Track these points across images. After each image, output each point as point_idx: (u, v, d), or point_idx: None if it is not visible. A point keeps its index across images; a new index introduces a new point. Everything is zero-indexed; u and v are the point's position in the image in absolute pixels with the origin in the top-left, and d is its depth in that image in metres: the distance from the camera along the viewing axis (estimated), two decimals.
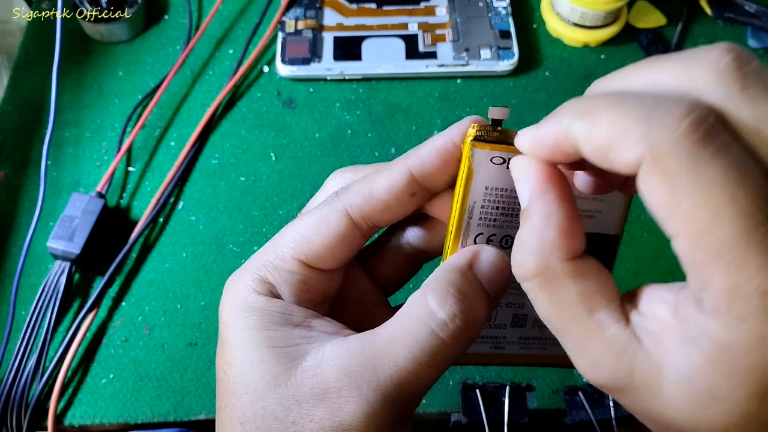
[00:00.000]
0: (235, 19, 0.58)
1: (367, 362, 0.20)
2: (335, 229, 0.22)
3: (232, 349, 0.22)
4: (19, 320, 0.44)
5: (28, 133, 0.52)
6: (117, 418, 0.41)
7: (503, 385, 0.41)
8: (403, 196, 0.23)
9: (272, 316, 0.22)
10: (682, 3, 0.59)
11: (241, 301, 0.22)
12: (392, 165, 0.23)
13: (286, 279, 0.23)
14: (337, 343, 0.21)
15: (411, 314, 0.21)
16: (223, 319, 0.23)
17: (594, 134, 0.16)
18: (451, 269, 0.22)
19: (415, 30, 0.56)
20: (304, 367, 0.21)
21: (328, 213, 0.23)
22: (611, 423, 0.40)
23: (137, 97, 0.53)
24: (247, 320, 0.22)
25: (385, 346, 0.20)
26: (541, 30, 0.58)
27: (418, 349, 0.20)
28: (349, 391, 0.20)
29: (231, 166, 0.51)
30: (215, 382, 0.43)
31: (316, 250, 0.23)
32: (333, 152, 0.51)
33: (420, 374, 0.20)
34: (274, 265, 0.23)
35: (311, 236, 0.23)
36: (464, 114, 0.53)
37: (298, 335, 0.22)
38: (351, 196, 0.23)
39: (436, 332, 0.20)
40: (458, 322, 0.20)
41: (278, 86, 0.54)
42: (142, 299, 0.45)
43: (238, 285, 0.23)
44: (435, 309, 0.20)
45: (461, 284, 0.21)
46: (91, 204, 0.46)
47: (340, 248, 0.23)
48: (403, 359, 0.20)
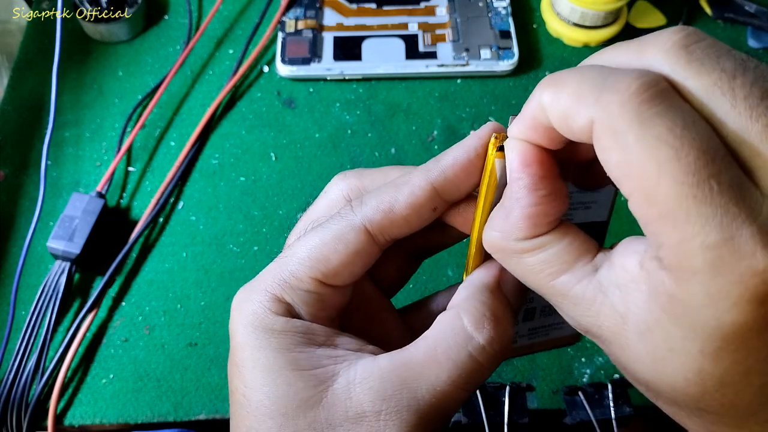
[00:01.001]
0: (235, 19, 0.58)
1: (404, 385, 0.20)
2: (354, 247, 0.22)
3: (253, 372, 0.21)
4: (19, 320, 0.44)
5: (28, 133, 0.52)
6: (117, 418, 0.41)
7: (503, 385, 0.41)
8: (425, 210, 0.22)
9: (294, 337, 0.21)
10: (682, 3, 0.59)
11: (258, 321, 0.21)
12: (413, 179, 0.22)
13: (303, 298, 0.22)
14: (368, 364, 0.21)
15: (446, 337, 0.21)
16: (238, 340, 0.22)
17: (557, 102, 0.17)
18: (482, 289, 0.22)
19: (415, 30, 0.56)
20: (335, 390, 0.20)
21: (345, 230, 0.22)
22: (611, 423, 0.40)
23: (137, 97, 0.53)
24: (268, 342, 0.21)
25: (422, 369, 0.20)
26: (541, 30, 0.58)
27: (456, 373, 0.20)
28: (388, 415, 0.20)
29: (231, 166, 0.51)
30: (215, 383, 0.43)
31: (334, 269, 0.22)
32: (333, 152, 0.51)
33: (457, 396, 0.21)
34: (290, 284, 0.22)
35: (329, 255, 0.22)
36: (464, 114, 0.53)
37: (324, 355, 0.21)
38: (370, 212, 0.22)
39: (474, 356, 0.21)
40: (496, 345, 0.21)
41: (278, 86, 0.54)
42: (142, 299, 0.45)
43: (251, 304, 0.22)
44: (473, 333, 0.21)
45: (495, 306, 0.22)
46: (91, 204, 0.46)
47: (358, 264, 0.22)
48: (442, 383, 0.20)
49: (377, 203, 0.22)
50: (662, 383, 0.17)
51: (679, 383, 0.16)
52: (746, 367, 0.15)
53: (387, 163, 0.50)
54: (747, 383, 0.16)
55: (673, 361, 0.16)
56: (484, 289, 0.22)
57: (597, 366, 0.43)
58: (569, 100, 0.17)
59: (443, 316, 0.22)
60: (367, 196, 0.23)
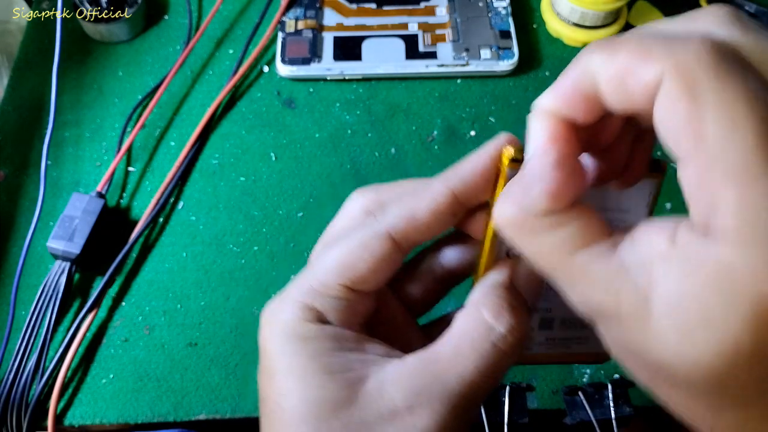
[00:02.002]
0: (235, 19, 0.58)
1: (434, 379, 0.21)
2: (380, 254, 0.23)
3: (286, 379, 0.22)
4: (19, 320, 0.44)
5: (28, 133, 0.52)
6: (117, 418, 0.41)
7: (503, 385, 0.41)
8: (446, 216, 0.23)
9: (326, 343, 0.22)
10: (682, 3, 0.59)
11: (290, 330, 0.22)
12: (433, 186, 0.23)
13: (333, 305, 0.23)
14: (397, 364, 0.22)
15: (469, 331, 0.22)
16: (270, 349, 0.22)
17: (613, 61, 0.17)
18: (496, 285, 0.23)
19: (415, 30, 0.56)
20: (367, 390, 0.21)
21: (370, 238, 0.23)
22: (611, 423, 0.40)
23: (137, 97, 0.53)
24: (301, 348, 0.22)
25: (449, 363, 0.21)
26: (541, 30, 0.58)
27: (482, 363, 0.21)
28: (421, 409, 0.21)
29: (231, 166, 0.51)
30: (215, 383, 0.43)
31: (362, 275, 0.23)
32: (333, 152, 0.51)
33: (483, 384, 0.21)
34: (319, 292, 0.23)
35: (356, 262, 0.23)
36: (464, 114, 0.53)
37: (355, 359, 0.22)
38: (393, 219, 0.23)
39: (497, 345, 0.21)
40: (516, 333, 0.22)
41: (278, 86, 0.54)
42: (142, 299, 0.45)
43: (282, 314, 0.23)
44: (493, 324, 0.22)
45: (510, 298, 0.22)
46: (91, 204, 0.46)
47: (383, 271, 0.23)
48: (470, 373, 0.21)
49: (399, 211, 0.23)
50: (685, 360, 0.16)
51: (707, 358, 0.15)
52: None
53: (387, 163, 0.50)
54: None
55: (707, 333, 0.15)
56: (498, 286, 0.23)
57: (597, 366, 0.43)
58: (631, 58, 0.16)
59: (462, 312, 0.22)
60: (389, 206, 0.23)
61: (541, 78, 0.55)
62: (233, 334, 0.44)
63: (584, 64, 0.18)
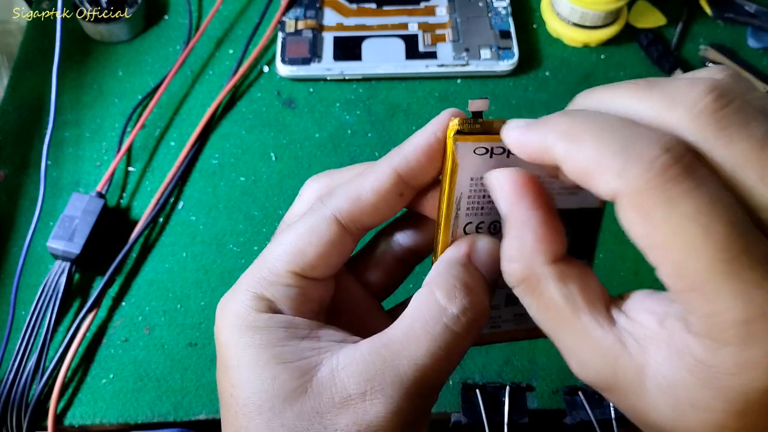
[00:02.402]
0: (235, 19, 0.58)
1: (386, 364, 0.20)
2: (327, 238, 0.22)
3: (238, 370, 0.21)
4: (19, 320, 0.44)
5: (28, 133, 0.52)
6: (117, 418, 0.41)
7: (503, 385, 0.41)
8: (392, 196, 0.22)
9: (277, 332, 0.21)
10: (682, 3, 0.59)
11: (241, 321, 0.22)
12: (376, 166, 0.23)
13: (284, 293, 0.22)
14: (350, 350, 0.21)
15: (421, 312, 0.21)
16: (223, 341, 0.22)
17: (575, 159, 0.17)
18: (452, 263, 0.22)
19: (415, 30, 0.56)
20: (319, 378, 0.21)
21: (317, 222, 0.22)
22: (611, 423, 0.40)
23: (137, 97, 0.53)
24: (252, 339, 0.21)
25: (402, 347, 0.21)
26: (541, 30, 0.58)
27: (434, 345, 0.21)
28: (373, 395, 0.20)
29: (231, 166, 0.51)
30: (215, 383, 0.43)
31: (311, 261, 0.22)
32: (333, 152, 0.51)
33: (438, 368, 0.21)
34: (269, 280, 0.22)
35: (304, 248, 0.22)
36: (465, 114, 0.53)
37: (307, 347, 0.21)
38: (338, 202, 0.22)
39: (450, 327, 0.21)
40: (469, 314, 0.21)
41: (278, 86, 0.54)
42: (142, 299, 0.45)
43: (233, 305, 0.22)
44: (445, 304, 0.21)
45: (465, 277, 0.22)
46: (91, 204, 0.46)
47: (334, 255, 0.23)
48: (422, 357, 0.20)
49: (344, 193, 0.22)
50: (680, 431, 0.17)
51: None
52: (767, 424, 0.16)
53: None
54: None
55: (696, 416, 0.16)
56: (454, 264, 0.22)
57: None
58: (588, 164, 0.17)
59: (416, 294, 0.22)
60: (336, 189, 0.23)
61: (541, 78, 0.55)
62: None
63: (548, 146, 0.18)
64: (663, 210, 0.15)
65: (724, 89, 0.16)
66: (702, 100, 0.16)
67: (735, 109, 0.16)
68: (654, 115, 0.17)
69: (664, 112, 0.17)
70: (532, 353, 0.43)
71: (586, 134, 0.17)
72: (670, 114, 0.17)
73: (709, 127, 0.16)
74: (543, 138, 0.18)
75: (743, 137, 0.16)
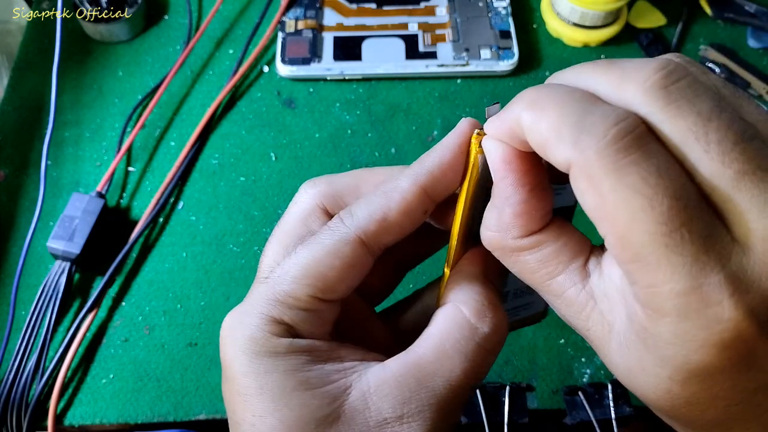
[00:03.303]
0: (235, 19, 0.58)
1: (421, 386, 0.20)
2: (350, 261, 0.21)
3: (260, 399, 0.20)
4: (19, 320, 0.44)
5: (28, 133, 0.52)
6: (117, 418, 0.41)
7: (503, 385, 0.41)
8: (418, 214, 0.22)
9: (300, 357, 0.21)
10: (682, 3, 0.59)
11: (258, 347, 0.21)
12: (401, 184, 0.22)
13: (302, 317, 0.21)
14: (378, 371, 0.21)
15: (452, 332, 0.21)
16: (238, 369, 0.21)
17: (536, 129, 0.18)
18: (473, 280, 0.22)
19: (415, 30, 0.56)
20: (351, 403, 0.20)
21: (340, 244, 0.21)
22: (611, 423, 0.40)
23: (137, 97, 0.53)
24: (274, 366, 0.20)
25: (435, 367, 0.21)
26: (541, 30, 0.58)
27: (468, 365, 0.21)
28: (410, 417, 0.20)
29: (231, 166, 0.51)
30: (215, 383, 0.43)
31: (332, 284, 0.21)
32: (333, 152, 0.51)
33: (470, 385, 0.21)
34: (287, 304, 0.21)
35: (325, 272, 0.21)
36: (464, 114, 0.53)
37: (332, 371, 0.21)
38: (362, 222, 0.21)
39: (482, 345, 0.21)
40: (499, 331, 0.22)
41: (278, 86, 0.54)
42: (142, 299, 0.45)
43: (247, 329, 0.21)
44: (477, 323, 0.21)
45: (489, 294, 0.22)
46: (91, 204, 0.46)
47: (354, 277, 0.22)
48: (456, 377, 0.21)
49: (370, 213, 0.22)
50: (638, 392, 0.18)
51: (651, 396, 0.18)
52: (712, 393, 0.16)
53: (387, 163, 0.50)
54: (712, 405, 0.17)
55: (645, 379, 0.17)
56: (475, 280, 0.22)
57: (597, 366, 0.43)
58: (548, 133, 0.17)
59: (442, 311, 0.22)
60: (355, 206, 0.22)
61: (541, 78, 0.55)
62: None
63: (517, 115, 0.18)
64: (611, 180, 0.16)
65: (674, 67, 0.17)
66: (653, 76, 0.17)
67: (684, 84, 0.16)
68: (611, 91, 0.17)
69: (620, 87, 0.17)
70: (532, 353, 0.43)
71: (549, 104, 0.17)
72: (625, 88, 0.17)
73: (658, 101, 0.16)
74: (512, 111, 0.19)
75: (690, 111, 0.16)
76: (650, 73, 0.17)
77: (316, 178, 0.24)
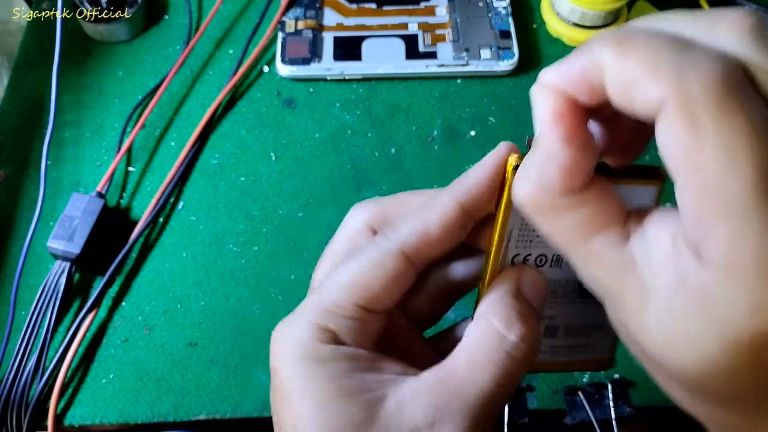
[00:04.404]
0: (235, 19, 0.58)
1: (452, 393, 0.21)
2: (394, 272, 0.22)
3: (302, 402, 0.21)
4: (19, 320, 0.44)
5: (28, 133, 0.52)
6: (117, 418, 0.41)
7: None
8: (456, 229, 0.23)
9: (342, 364, 0.22)
10: (682, 3, 0.59)
11: (304, 351, 0.22)
12: (442, 201, 0.23)
13: (347, 325, 0.22)
14: (414, 382, 0.21)
15: (482, 342, 0.22)
16: (284, 371, 0.22)
17: (623, 66, 0.16)
18: (504, 294, 0.23)
19: (415, 30, 0.56)
20: (386, 410, 0.21)
21: (384, 256, 0.22)
22: (611, 423, 0.40)
23: (137, 97, 0.53)
24: (317, 371, 0.21)
25: (466, 375, 0.21)
26: (541, 30, 0.58)
27: (499, 373, 0.21)
28: (441, 424, 0.20)
29: (231, 166, 0.51)
30: (215, 383, 0.43)
31: (376, 295, 0.22)
32: (333, 152, 0.51)
33: (501, 394, 0.21)
34: (333, 312, 0.22)
35: (370, 282, 0.22)
36: (464, 114, 0.53)
37: (371, 380, 0.22)
38: (405, 236, 0.23)
39: (511, 354, 0.21)
40: (528, 341, 0.22)
41: (278, 86, 0.54)
42: (142, 299, 0.45)
43: (295, 334, 0.22)
44: (505, 332, 0.22)
45: (519, 306, 0.22)
46: (91, 204, 0.46)
47: (398, 289, 0.23)
48: (488, 384, 0.21)
49: (411, 227, 0.23)
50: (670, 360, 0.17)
51: (688, 364, 0.16)
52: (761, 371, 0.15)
53: (387, 163, 0.50)
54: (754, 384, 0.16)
55: (688, 344, 0.16)
56: (506, 294, 0.23)
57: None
58: (640, 69, 0.16)
59: (473, 325, 0.22)
60: (398, 222, 0.23)
61: None
62: (233, 334, 0.44)
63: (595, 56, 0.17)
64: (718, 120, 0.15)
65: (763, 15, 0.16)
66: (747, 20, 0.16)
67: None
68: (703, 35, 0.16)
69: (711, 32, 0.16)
70: None
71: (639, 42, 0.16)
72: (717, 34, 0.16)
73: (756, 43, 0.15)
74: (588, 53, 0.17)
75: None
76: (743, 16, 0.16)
77: (365, 201, 0.25)
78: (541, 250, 0.24)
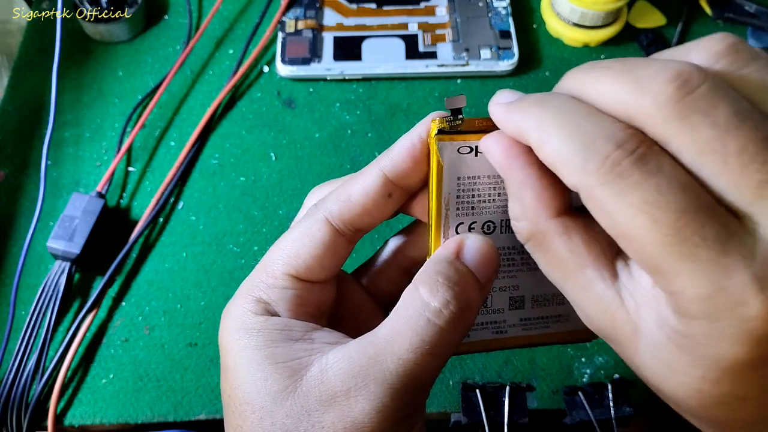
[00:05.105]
0: (235, 19, 0.58)
1: (370, 360, 0.21)
2: (320, 239, 0.23)
3: (235, 371, 0.22)
4: (19, 320, 0.44)
5: (28, 133, 0.52)
6: (117, 418, 0.41)
7: (503, 385, 0.41)
8: (380, 198, 0.23)
9: (272, 334, 0.22)
10: (682, 3, 0.59)
11: (239, 324, 0.22)
12: (366, 169, 0.24)
13: (281, 295, 0.23)
14: (339, 350, 0.21)
15: (406, 309, 0.21)
16: (224, 345, 0.23)
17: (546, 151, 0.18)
18: (438, 261, 0.22)
19: (415, 30, 0.56)
20: (309, 377, 0.21)
21: (310, 224, 0.23)
22: (611, 423, 0.40)
23: (137, 97, 0.53)
24: (248, 341, 0.22)
25: (386, 342, 0.21)
26: (541, 30, 0.58)
27: (418, 340, 0.21)
28: (356, 391, 0.20)
29: (231, 166, 0.51)
30: (215, 383, 0.43)
31: (305, 263, 0.23)
32: (333, 152, 0.51)
33: (423, 363, 0.21)
34: (267, 283, 0.23)
35: (298, 250, 0.23)
36: (464, 113, 0.53)
37: (300, 349, 0.22)
38: (329, 204, 0.23)
39: (432, 320, 0.21)
40: (452, 307, 0.21)
41: (278, 86, 0.54)
42: (142, 299, 0.45)
43: (234, 309, 0.23)
44: (428, 299, 0.21)
45: (449, 272, 0.22)
46: (91, 204, 0.46)
47: (328, 257, 0.23)
48: (405, 351, 0.21)
49: (335, 196, 0.23)
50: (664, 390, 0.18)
51: (681, 396, 0.18)
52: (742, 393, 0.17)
53: None
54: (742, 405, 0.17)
55: (676, 380, 0.17)
56: (440, 261, 0.22)
57: (597, 366, 0.43)
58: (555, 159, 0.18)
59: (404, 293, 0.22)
60: (329, 194, 0.24)
61: (541, 78, 0.55)
62: None
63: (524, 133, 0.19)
64: (613, 203, 0.16)
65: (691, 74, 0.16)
66: (666, 89, 0.16)
67: (700, 95, 0.16)
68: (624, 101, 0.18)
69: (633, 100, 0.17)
70: (532, 353, 0.43)
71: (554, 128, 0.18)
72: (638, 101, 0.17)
73: (671, 116, 0.16)
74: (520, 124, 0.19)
75: (706, 125, 0.16)
76: (664, 84, 0.16)
77: (322, 183, 0.26)
78: (487, 216, 0.23)
